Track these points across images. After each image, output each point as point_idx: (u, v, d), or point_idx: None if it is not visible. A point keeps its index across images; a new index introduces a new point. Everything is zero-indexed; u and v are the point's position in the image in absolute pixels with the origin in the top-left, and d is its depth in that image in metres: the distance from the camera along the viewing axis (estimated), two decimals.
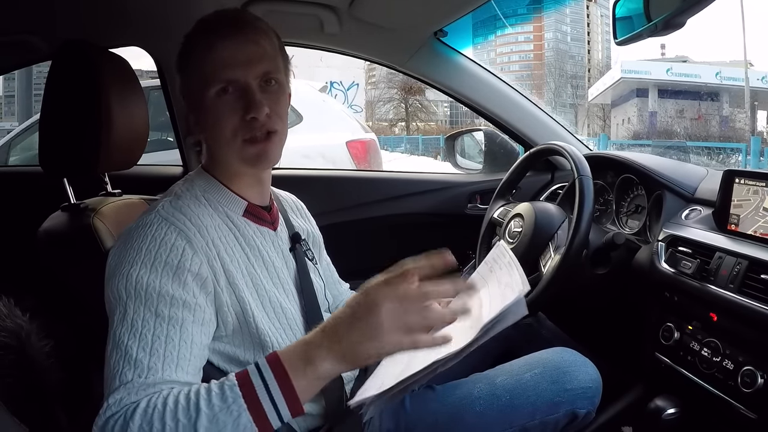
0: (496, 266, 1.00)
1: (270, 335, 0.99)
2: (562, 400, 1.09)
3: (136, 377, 0.81)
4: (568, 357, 1.15)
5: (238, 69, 0.96)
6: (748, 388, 1.05)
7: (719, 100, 30.07)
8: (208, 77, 0.96)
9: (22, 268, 1.60)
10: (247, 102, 0.96)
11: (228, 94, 0.96)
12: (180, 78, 1.04)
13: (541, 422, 1.08)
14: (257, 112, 0.95)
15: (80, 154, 1.19)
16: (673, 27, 0.96)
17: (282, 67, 1.03)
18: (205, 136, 1.03)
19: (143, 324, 0.84)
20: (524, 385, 1.10)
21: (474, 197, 2.07)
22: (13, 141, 4.43)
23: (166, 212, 0.93)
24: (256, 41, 0.99)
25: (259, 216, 1.07)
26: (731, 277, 1.12)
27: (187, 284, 0.89)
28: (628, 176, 1.56)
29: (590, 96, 37.23)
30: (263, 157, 0.99)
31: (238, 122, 0.96)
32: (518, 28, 47.00)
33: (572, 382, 1.11)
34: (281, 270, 1.07)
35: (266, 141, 0.98)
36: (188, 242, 0.91)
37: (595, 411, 1.15)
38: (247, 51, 0.97)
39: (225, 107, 0.96)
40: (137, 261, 0.87)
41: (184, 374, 0.85)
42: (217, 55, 0.96)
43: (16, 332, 1.09)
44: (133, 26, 1.73)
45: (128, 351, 0.82)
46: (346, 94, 30.86)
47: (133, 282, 0.86)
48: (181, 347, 0.85)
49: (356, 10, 1.63)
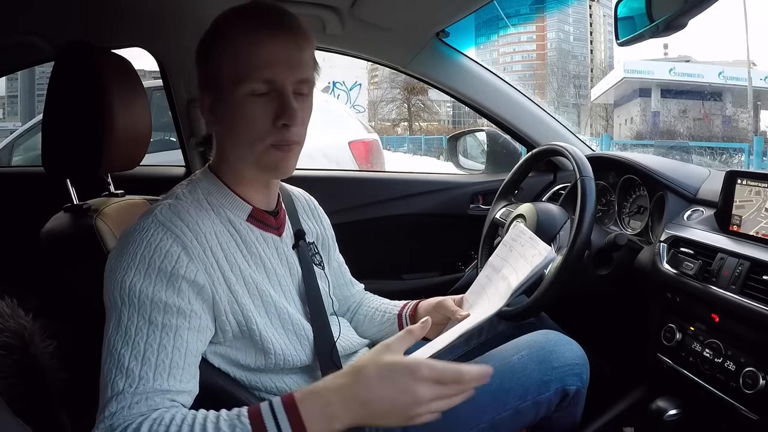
0: (516, 245, 1.08)
1: (274, 342, 0.98)
2: (551, 378, 1.08)
3: (127, 387, 0.81)
4: (552, 337, 1.15)
5: (281, 71, 0.92)
6: (750, 389, 1.05)
7: (722, 100, 29.98)
8: (244, 72, 0.91)
9: (25, 269, 1.62)
10: (282, 107, 0.92)
11: (262, 95, 0.92)
12: (202, 64, 0.99)
13: (533, 402, 1.07)
14: (291, 120, 0.92)
15: (83, 154, 1.19)
16: (675, 28, 0.96)
17: (313, 78, 1.00)
18: (223, 132, 1.00)
19: (136, 332, 0.84)
20: (512, 367, 1.09)
21: (476, 198, 2.07)
22: (16, 141, 4.44)
23: (163, 217, 0.92)
24: (301, 46, 0.95)
25: (263, 221, 1.05)
26: (733, 278, 1.11)
27: (182, 291, 0.88)
28: (630, 177, 1.55)
29: (593, 96, 37.15)
30: (282, 168, 0.97)
31: (268, 127, 0.93)
32: (521, 28, 46.99)
33: (559, 360, 1.10)
34: (284, 277, 1.06)
35: (290, 150, 0.96)
36: (184, 249, 0.89)
37: (585, 387, 1.14)
38: (292, 54, 0.94)
39: (257, 108, 0.92)
40: (131, 267, 0.87)
41: (177, 382, 0.85)
42: (261, 50, 0.91)
43: (19, 332, 1.10)
44: (135, 27, 1.73)
45: (120, 359, 0.82)
46: (349, 94, 30.90)
47: (127, 288, 0.85)
48: (174, 355, 0.85)
49: (358, 10, 1.63)
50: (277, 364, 0.99)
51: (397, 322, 1.23)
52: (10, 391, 1.03)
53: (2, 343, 1.07)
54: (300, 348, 1.02)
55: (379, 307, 1.29)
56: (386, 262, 2.08)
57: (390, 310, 1.27)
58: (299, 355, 1.02)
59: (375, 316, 1.28)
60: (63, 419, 1.11)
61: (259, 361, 0.99)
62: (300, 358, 1.02)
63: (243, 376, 1.01)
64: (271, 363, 0.99)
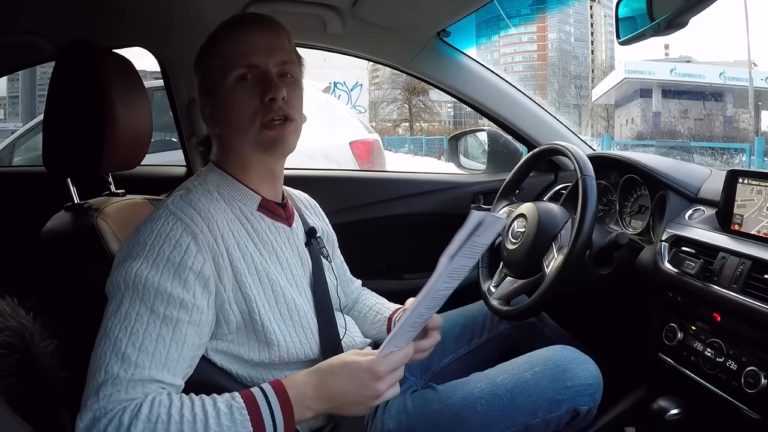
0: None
1: (277, 333, 0.99)
2: (564, 397, 1.09)
3: (122, 372, 0.81)
4: (568, 354, 1.15)
5: (260, 55, 1.00)
6: (752, 388, 1.05)
7: (723, 100, 29.97)
8: (229, 64, 1.00)
9: (26, 268, 1.61)
10: (266, 85, 0.99)
11: (247, 81, 1.00)
12: (198, 74, 1.07)
13: (543, 420, 1.08)
14: (275, 93, 0.98)
15: (84, 154, 1.19)
16: (676, 26, 0.96)
17: (297, 64, 1.08)
18: (222, 126, 1.04)
19: (137, 319, 0.85)
20: (525, 383, 1.10)
21: (477, 197, 2.06)
22: (17, 141, 4.44)
23: (175, 206, 0.94)
24: (277, 34, 1.04)
25: (273, 211, 1.08)
26: (734, 278, 1.11)
27: (188, 283, 0.89)
28: (631, 176, 1.55)
29: (594, 96, 37.16)
30: (280, 142, 1.01)
31: (257, 105, 0.99)
32: (522, 28, 47.01)
33: (573, 379, 1.11)
34: (295, 266, 1.08)
35: (283, 126, 1.01)
36: (194, 238, 0.91)
37: (597, 407, 1.14)
38: (269, 40, 1.02)
39: (244, 93, 0.99)
40: (140, 255, 0.88)
41: (170, 375, 0.85)
42: (241, 41, 1.01)
43: (19, 332, 1.09)
44: (136, 27, 1.73)
45: (117, 344, 0.83)
46: (350, 94, 30.89)
47: (133, 275, 0.87)
48: (171, 348, 0.86)
49: (359, 10, 1.63)
50: (281, 357, 1.00)
51: (387, 325, 1.25)
52: (10, 390, 1.02)
53: (2, 343, 1.06)
54: (305, 341, 1.03)
55: (373, 306, 1.31)
56: (387, 261, 2.08)
57: (381, 312, 1.29)
58: (303, 349, 1.03)
59: (368, 315, 1.30)
60: (63, 418, 1.11)
61: (263, 354, 0.99)
62: (304, 352, 1.03)
63: (246, 372, 1.01)
64: (275, 356, 1.00)
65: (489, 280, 1.50)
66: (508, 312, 1.32)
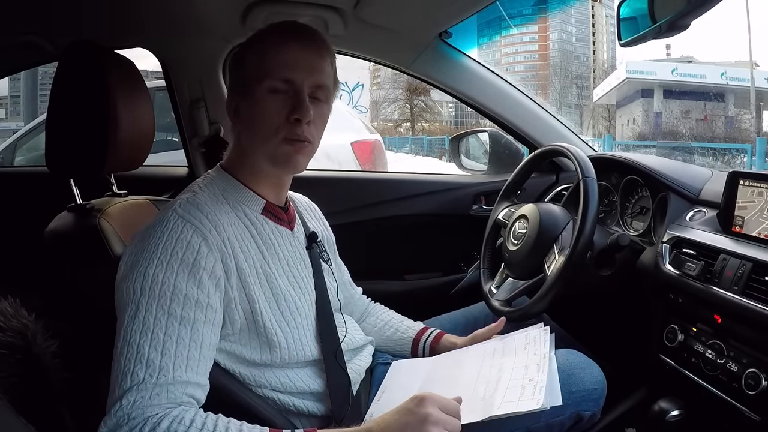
0: (531, 348, 1.08)
1: (278, 335, 1.00)
2: (567, 402, 1.08)
3: (148, 377, 0.82)
4: (572, 359, 1.15)
5: (299, 72, 1.00)
6: (752, 390, 1.05)
7: (724, 101, 29.90)
8: (268, 71, 1.00)
9: (29, 269, 1.62)
10: (296, 104, 0.99)
11: (280, 93, 1.00)
12: (235, 64, 1.08)
13: (546, 424, 1.08)
14: (302, 115, 0.99)
15: (86, 154, 1.20)
16: (678, 28, 0.96)
17: (332, 88, 1.09)
18: (243, 126, 1.05)
19: (155, 323, 0.86)
20: None
21: (479, 198, 2.06)
22: (18, 141, 4.46)
23: (183, 209, 0.95)
24: (321, 54, 1.04)
25: (276, 215, 1.09)
26: (735, 279, 1.11)
27: (202, 283, 0.90)
28: (632, 178, 1.55)
29: (595, 97, 37.11)
30: (293, 161, 1.03)
31: (282, 121, 0.99)
32: (523, 28, 46.92)
33: (577, 384, 1.11)
34: (297, 269, 1.09)
35: (301, 145, 1.01)
36: (204, 239, 0.92)
37: (600, 412, 1.14)
38: (311, 59, 1.03)
39: (274, 104, 1.00)
40: (153, 258, 0.89)
41: (194, 374, 0.86)
42: (287, 54, 1.01)
43: (22, 332, 1.10)
44: (138, 28, 1.74)
45: (140, 350, 0.84)
46: (351, 94, 30.93)
47: (149, 279, 0.87)
48: (191, 347, 0.87)
49: (361, 11, 1.63)
50: (282, 358, 1.01)
51: (412, 346, 1.28)
52: (12, 390, 1.03)
53: (5, 343, 1.06)
54: (306, 342, 1.05)
55: (389, 322, 1.34)
56: (388, 262, 2.08)
57: (401, 329, 1.32)
58: (304, 350, 1.04)
59: (384, 330, 1.33)
60: (65, 418, 1.11)
61: (265, 355, 1.00)
62: (305, 353, 1.04)
63: (248, 372, 1.02)
64: (276, 357, 1.01)
65: (490, 281, 1.51)
66: (509, 313, 1.32)
